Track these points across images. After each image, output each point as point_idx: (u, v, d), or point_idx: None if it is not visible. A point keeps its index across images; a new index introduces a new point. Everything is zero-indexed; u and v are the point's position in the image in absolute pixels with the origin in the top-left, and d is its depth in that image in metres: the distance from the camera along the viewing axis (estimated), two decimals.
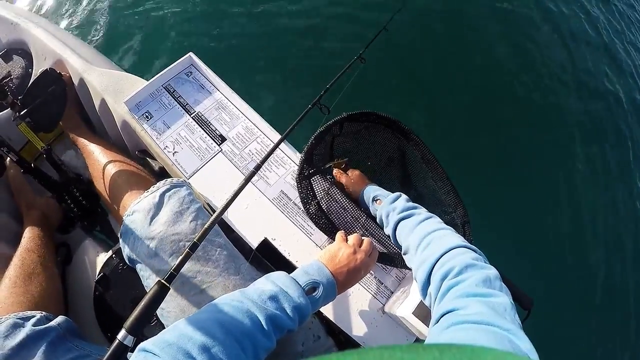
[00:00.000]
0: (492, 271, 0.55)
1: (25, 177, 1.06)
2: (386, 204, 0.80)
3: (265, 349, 0.56)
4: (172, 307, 0.74)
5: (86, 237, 1.10)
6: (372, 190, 0.87)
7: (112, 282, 1.00)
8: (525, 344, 0.42)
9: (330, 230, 0.85)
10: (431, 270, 0.61)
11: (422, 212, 0.77)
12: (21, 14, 1.13)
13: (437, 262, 0.61)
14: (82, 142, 1.04)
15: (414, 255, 0.69)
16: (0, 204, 1.06)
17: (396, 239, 0.78)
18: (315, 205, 0.84)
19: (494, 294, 0.50)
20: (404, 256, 0.76)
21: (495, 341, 0.41)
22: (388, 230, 0.80)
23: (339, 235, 0.79)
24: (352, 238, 0.76)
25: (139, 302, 0.55)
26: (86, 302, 0.98)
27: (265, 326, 0.55)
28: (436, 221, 0.73)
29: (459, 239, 0.64)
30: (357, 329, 0.83)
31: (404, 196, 0.81)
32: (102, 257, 1.05)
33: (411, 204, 0.79)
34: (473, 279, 0.53)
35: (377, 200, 0.84)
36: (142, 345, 0.50)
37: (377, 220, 0.84)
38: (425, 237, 0.68)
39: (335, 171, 0.94)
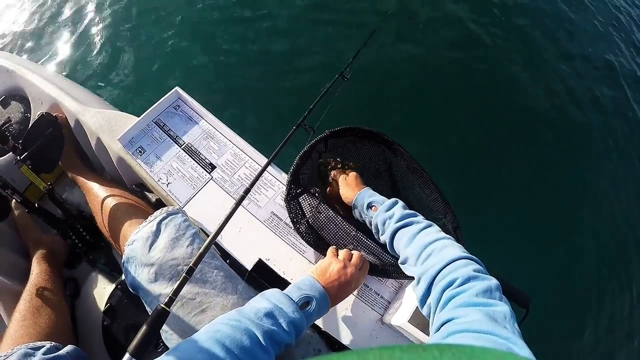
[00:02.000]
0: (493, 282, 0.56)
1: (31, 216, 1.11)
2: (382, 211, 0.79)
3: None
4: (174, 329, 0.76)
5: (92, 270, 1.14)
6: (367, 196, 0.84)
7: (118, 312, 1.03)
8: (524, 352, 0.42)
9: (321, 247, 0.87)
10: (432, 281, 0.61)
11: (421, 219, 0.76)
12: (15, 61, 1.20)
13: (438, 273, 0.61)
14: (82, 179, 1.08)
15: (414, 266, 0.68)
16: (8, 243, 1.11)
17: (393, 248, 0.77)
18: (305, 224, 0.87)
19: (494, 304, 0.51)
20: (401, 265, 0.74)
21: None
22: (384, 238, 0.79)
23: (330, 250, 0.81)
24: (342, 253, 0.78)
25: (140, 327, 0.58)
26: (95, 332, 1.02)
27: (263, 342, 0.57)
28: (435, 230, 0.72)
29: (460, 250, 0.64)
30: (357, 341, 0.85)
31: (400, 203, 0.79)
32: (109, 289, 1.09)
33: (409, 211, 0.78)
34: (474, 290, 0.54)
35: (372, 206, 0.82)
36: None
37: (372, 227, 0.83)
38: (426, 247, 0.67)
39: (334, 172, 0.93)
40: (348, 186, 0.89)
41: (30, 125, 1.01)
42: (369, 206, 0.83)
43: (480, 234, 1.66)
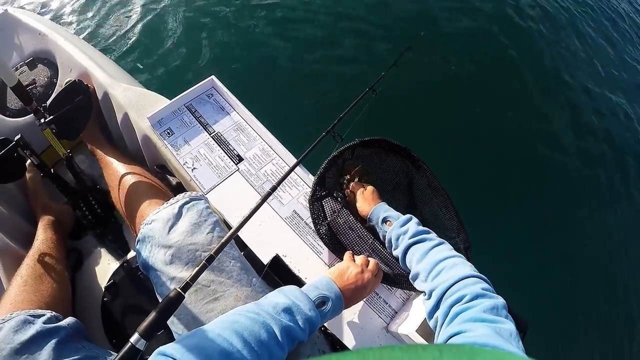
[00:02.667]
0: (500, 300, 0.59)
1: (43, 182, 1.09)
2: (396, 226, 0.81)
3: (279, 358, 0.58)
4: (183, 314, 0.77)
5: (98, 245, 1.13)
6: (382, 211, 0.87)
7: (121, 290, 1.03)
8: None
9: (338, 250, 0.89)
10: (442, 297, 0.63)
11: (434, 237, 0.78)
12: (49, 26, 1.18)
13: (448, 289, 0.63)
14: (101, 152, 1.08)
15: (424, 282, 0.71)
16: (16, 206, 1.09)
17: (405, 262, 0.79)
18: (325, 226, 0.89)
19: (500, 321, 0.53)
20: (412, 280, 0.77)
21: None
22: (397, 253, 0.81)
23: (347, 254, 0.83)
24: (360, 258, 0.80)
25: (154, 309, 0.58)
26: (93, 307, 1.01)
27: (279, 337, 0.58)
28: (447, 248, 0.75)
29: (470, 269, 0.67)
30: (360, 346, 0.87)
31: (414, 219, 0.82)
32: (113, 266, 1.08)
33: (422, 228, 0.80)
34: (482, 306, 0.56)
35: (387, 221, 0.85)
36: (161, 349, 0.51)
37: (385, 241, 0.85)
38: (438, 264, 0.70)
39: (352, 184, 0.95)
40: (365, 200, 0.92)
41: (56, 91, 1.00)
42: (384, 220, 0.85)
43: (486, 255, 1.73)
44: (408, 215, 0.83)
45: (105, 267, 1.10)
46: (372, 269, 0.79)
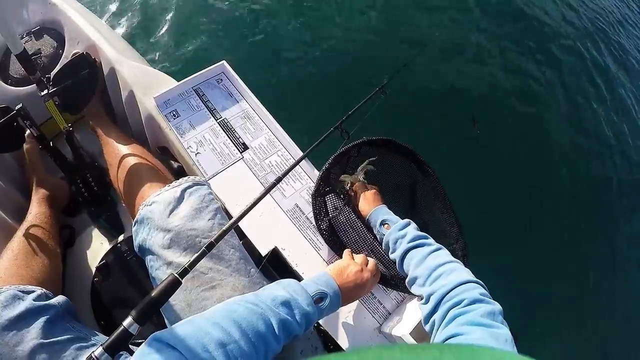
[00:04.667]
0: (497, 306, 0.60)
1: (40, 154, 1.07)
2: (394, 230, 0.82)
3: (274, 351, 0.58)
4: (178, 300, 0.75)
5: (92, 223, 1.11)
6: (381, 214, 0.87)
7: (112, 271, 1.01)
8: None
9: (337, 247, 0.89)
10: (440, 300, 0.64)
11: (432, 242, 0.79)
12: None
13: (447, 293, 0.64)
14: (102, 130, 1.05)
15: (422, 286, 0.71)
16: (11, 176, 1.07)
17: (402, 266, 0.79)
18: (326, 222, 0.88)
19: (497, 326, 0.55)
20: (408, 284, 0.77)
21: None
22: (394, 256, 0.82)
23: (347, 252, 0.83)
24: (359, 257, 0.80)
25: (149, 293, 0.57)
26: (83, 286, 0.99)
27: (276, 330, 0.57)
28: (445, 253, 0.76)
29: (468, 274, 0.68)
30: (354, 345, 0.87)
31: (413, 224, 0.83)
32: (105, 246, 1.06)
33: (420, 232, 0.81)
34: (479, 311, 0.57)
35: (385, 224, 0.85)
36: (157, 335, 0.50)
37: (383, 244, 0.86)
38: (437, 269, 0.70)
39: (357, 183, 0.94)
40: (366, 200, 0.91)
41: (62, 62, 0.98)
42: (382, 223, 0.86)
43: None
44: (406, 220, 0.84)
45: (98, 246, 1.08)
46: (372, 269, 0.79)
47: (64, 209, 1.11)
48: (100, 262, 1.02)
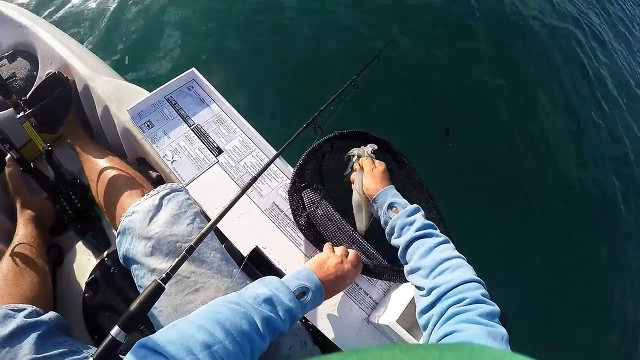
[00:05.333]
0: (496, 308, 0.61)
1: (22, 176, 1.08)
2: (403, 215, 0.79)
3: (260, 349, 0.59)
4: (164, 306, 0.76)
5: (78, 240, 1.12)
6: (390, 195, 0.83)
7: (102, 285, 1.02)
8: None
9: (318, 241, 0.90)
10: (442, 296, 0.64)
11: (438, 233, 0.78)
12: (29, 18, 1.17)
13: (450, 290, 0.64)
14: (81, 146, 1.07)
15: (425, 278, 0.71)
16: None
17: (405, 254, 0.78)
18: (304, 218, 0.89)
19: (494, 325, 0.56)
20: (409, 273, 0.77)
21: None
22: (397, 242, 0.80)
23: (327, 245, 0.83)
24: (339, 249, 0.81)
25: (134, 301, 0.57)
26: (75, 303, 1.00)
27: (260, 328, 0.58)
28: (451, 247, 0.75)
29: (472, 273, 0.68)
30: (343, 337, 0.87)
31: (421, 211, 0.81)
32: (93, 261, 1.07)
33: (428, 222, 0.79)
34: (479, 311, 0.58)
35: (393, 207, 0.82)
36: (142, 341, 0.50)
37: (387, 227, 0.83)
38: (442, 263, 0.70)
39: (363, 158, 0.90)
40: (373, 178, 0.87)
41: (37, 83, 0.99)
42: (390, 206, 0.82)
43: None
44: (415, 206, 0.81)
45: (86, 262, 1.09)
46: (352, 260, 0.79)
47: (50, 229, 1.12)
48: (89, 277, 1.03)
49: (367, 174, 0.88)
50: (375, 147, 0.92)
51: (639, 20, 4.69)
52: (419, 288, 0.72)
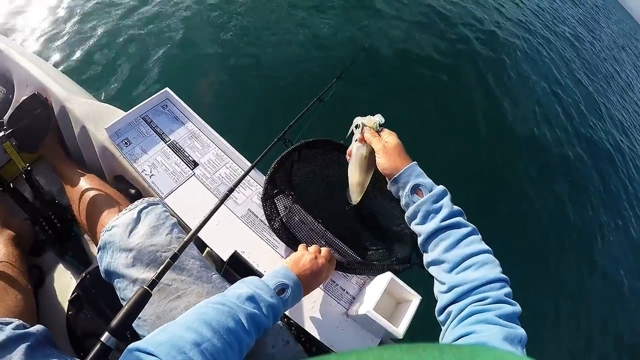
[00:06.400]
0: (517, 308, 0.60)
1: (1, 197, 1.09)
2: (429, 201, 0.72)
3: (247, 345, 0.63)
4: (148, 315, 0.80)
5: (58, 261, 1.14)
6: (414, 175, 0.74)
7: (85, 302, 1.03)
8: None
9: (293, 243, 0.96)
10: (464, 294, 0.63)
11: (466, 222, 0.72)
12: (4, 42, 1.20)
13: (473, 290, 0.62)
14: (60, 167, 1.10)
15: (448, 273, 0.68)
16: None
17: (427, 243, 0.73)
18: (279, 222, 0.96)
19: (513, 327, 0.55)
20: (429, 264, 0.73)
21: None
22: (420, 230, 0.74)
23: (301, 246, 0.90)
24: (313, 247, 0.87)
25: (123, 307, 0.60)
26: (58, 323, 1.01)
27: (246, 325, 0.62)
28: (478, 239, 0.70)
29: (498, 271, 0.65)
30: (324, 333, 0.93)
31: (449, 195, 0.73)
32: (75, 281, 1.09)
33: (456, 208, 0.72)
34: (500, 311, 0.57)
35: (418, 190, 0.74)
36: (132, 345, 0.52)
37: (408, 210, 0.75)
38: (468, 259, 0.67)
39: (366, 132, 0.80)
40: (389, 155, 0.77)
41: (20, 103, 1.02)
42: (414, 188, 0.74)
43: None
44: (442, 188, 0.73)
45: (68, 282, 1.11)
46: (325, 255, 0.86)
47: (30, 250, 1.14)
48: (72, 294, 1.04)
49: (379, 151, 0.77)
50: (383, 119, 0.81)
51: None
52: (439, 281, 0.70)
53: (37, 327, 0.80)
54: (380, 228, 1.05)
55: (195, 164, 1.03)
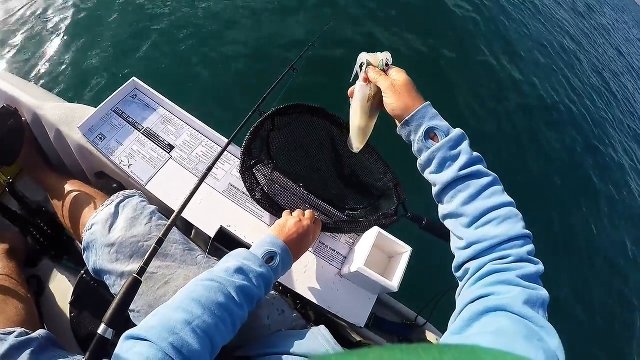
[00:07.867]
0: (540, 267, 0.55)
1: None
2: (445, 147, 0.63)
3: (240, 318, 0.63)
4: (140, 306, 0.81)
5: (56, 266, 1.15)
6: (428, 117, 0.64)
7: (85, 301, 1.04)
8: (554, 342, 0.44)
9: (276, 211, 0.96)
10: (483, 252, 0.58)
11: (486, 171, 0.63)
12: None
13: (495, 246, 0.57)
14: (42, 176, 1.10)
15: (467, 228, 0.61)
16: None
17: (442, 193, 0.65)
18: (260, 192, 0.96)
19: (535, 287, 0.52)
20: (445, 218, 0.66)
21: (526, 333, 0.44)
22: (434, 179, 0.65)
23: (285, 212, 0.90)
24: (296, 212, 0.88)
25: (115, 298, 0.60)
26: (63, 326, 1.02)
27: (236, 298, 0.62)
28: (500, 190, 0.62)
29: (521, 226, 0.58)
30: (320, 295, 0.94)
31: (467, 139, 0.64)
32: (74, 283, 1.09)
33: (476, 155, 0.64)
34: (521, 271, 0.53)
35: (432, 133, 0.64)
36: (127, 333, 0.53)
37: (422, 157, 0.66)
38: (488, 212, 0.60)
39: (369, 71, 0.68)
40: (399, 94, 0.66)
41: None
42: (428, 132, 0.64)
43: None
44: (460, 132, 0.64)
45: (67, 286, 1.12)
46: (309, 217, 0.86)
47: (25, 261, 1.15)
48: (72, 296, 1.05)
49: (387, 91, 0.66)
50: (391, 59, 0.70)
51: None
52: (457, 236, 0.64)
53: (40, 332, 0.80)
54: (363, 185, 1.05)
55: (172, 147, 1.03)
